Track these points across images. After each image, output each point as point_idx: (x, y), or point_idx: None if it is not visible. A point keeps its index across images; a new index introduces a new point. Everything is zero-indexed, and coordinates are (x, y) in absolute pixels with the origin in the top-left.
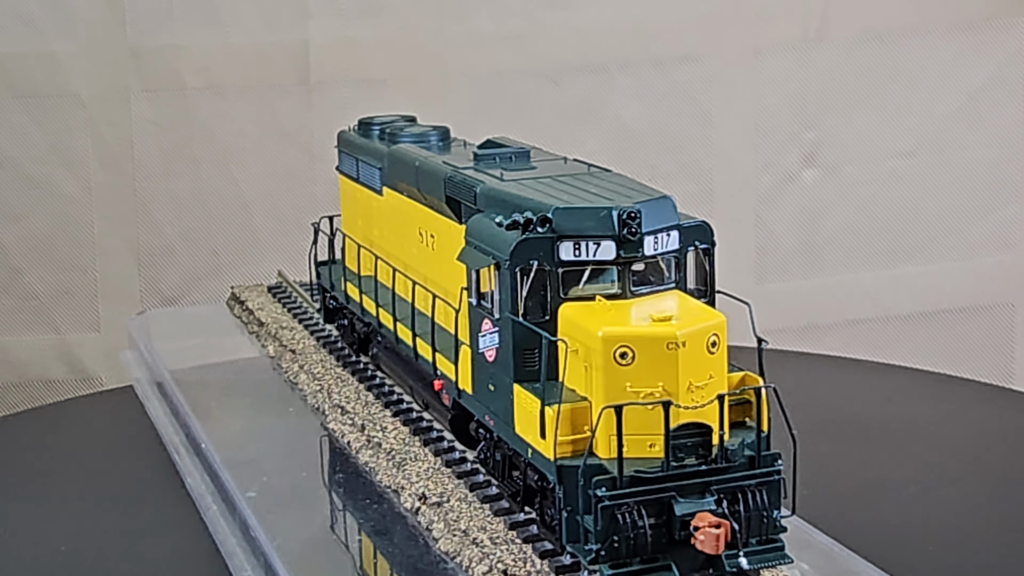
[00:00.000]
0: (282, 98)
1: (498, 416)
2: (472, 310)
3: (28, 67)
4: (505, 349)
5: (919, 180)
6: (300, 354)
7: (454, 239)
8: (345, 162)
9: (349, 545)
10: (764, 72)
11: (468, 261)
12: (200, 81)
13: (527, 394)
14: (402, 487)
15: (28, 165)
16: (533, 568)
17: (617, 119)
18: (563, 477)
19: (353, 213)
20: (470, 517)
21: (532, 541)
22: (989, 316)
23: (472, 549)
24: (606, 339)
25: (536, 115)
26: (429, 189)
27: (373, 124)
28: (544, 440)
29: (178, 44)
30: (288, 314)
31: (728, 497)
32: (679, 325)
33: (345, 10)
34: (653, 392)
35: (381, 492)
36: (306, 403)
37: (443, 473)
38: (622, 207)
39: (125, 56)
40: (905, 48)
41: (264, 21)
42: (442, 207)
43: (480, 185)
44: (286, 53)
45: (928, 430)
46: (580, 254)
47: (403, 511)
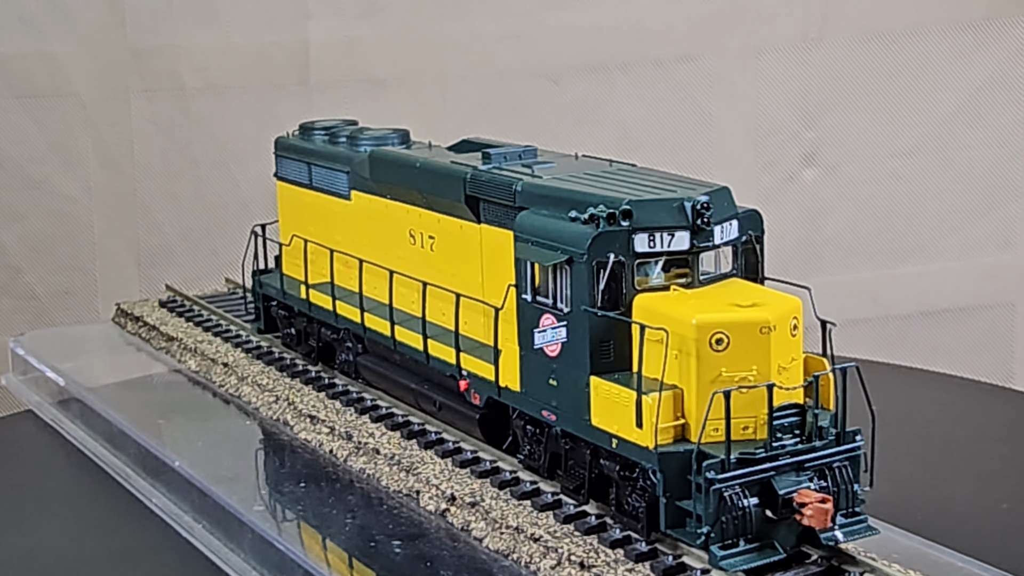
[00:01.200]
0: (282, 98)
1: (563, 409)
2: (525, 307)
3: (28, 67)
4: (578, 342)
5: (919, 180)
6: (235, 366)
7: (467, 239)
8: (289, 168)
9: (388, 550)
10: (764, 72)
11: (530, 257)
12: (200, 81)
13: (613, 385)
14: (418, 491)
15: (28, 165)
16: (607, 557)
17: (617, 119)
18: (664, 464)
19: (303, 219)
20: (516, 514)
21: (594, 532)
22: (989, 316)
23: (530, 545)
24: (702, 326)
25: (536, 115)
26: (437, 190)
27: (318, 128)
28: (640, 429)
29: (178, 44)
30: (198, 327)
31: (816, 473)
32: (769, 310)
33: (345, 10)
34: (747, 376)
35: (389, 497)
36: (258, 415)
37: (460, 474)
38: (695, 198)
39: (125, 56)
40: (905, 47)
41: (264, 21)
42: (455, 207)
43: (519, 183)
44: (286, 53)
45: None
46: (655, 245)
47: (424, 514)
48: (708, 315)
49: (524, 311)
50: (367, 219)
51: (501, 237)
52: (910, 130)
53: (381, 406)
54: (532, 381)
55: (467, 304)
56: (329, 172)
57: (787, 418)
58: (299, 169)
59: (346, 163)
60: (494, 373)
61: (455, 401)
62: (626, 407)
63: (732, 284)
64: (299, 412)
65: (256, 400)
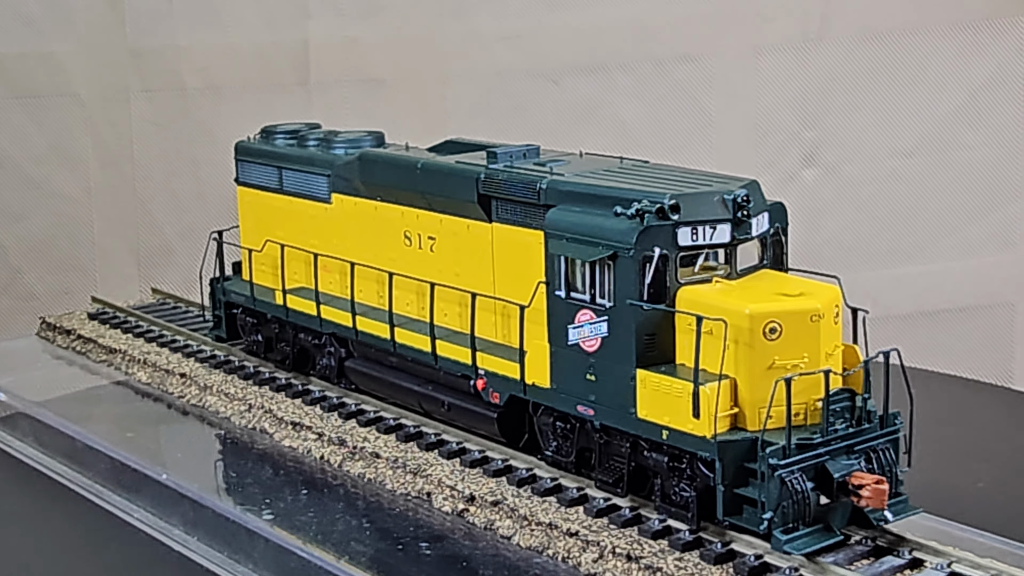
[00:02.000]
0: (282, 98)
1: (603, 404)
2: (559, 303)
3: (28, 67)
4: (622, 337)
5: (919, 180)
6: (194, 376)
7: (476, 238)
8: (254, 172)
9: (416, 552)
10: (764, 72)
11: (570, 253)
12: (200, 81)
13: (663, 377)
14: (429, 492)
15: (28, 165)
16: (653, 548)
17: (617, 119)
18: (723, 452)
19: (272, 224)
20: (544, 511)
21: (631, 525)
22: (989, 316)
23: (566, 540)
24: (756, 316)
25: (536, 115)
26: (442, 190)
27: (282, 132)
28: (697, 419)
29: (178, 44)
30: (140, 338)
31: (863, 456)
32: (816, 299)
33: (345, 10)
34: (798, 364)
35: (397, 500)
36: (229, 424)
37: (472, 474)
38: (736, 192)
39: (125, 56)
40: (905, 47)
41: (264, 21)
42: (463, 207)
43: (543, 180)
44: (286, 53)
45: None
46: (697, 238)
47: (438, 515)
48: (760, 305)
49: (557, 308)
50: (352, 222)
51: (519, 235)
52: (910, 130)
53: (367, 410)
54: (565, 377)
55: (479, 303)
56: (305, 176)
57: (840, 403)
58: (267, 173)
59: (326, 166)
60: (519, 371)
61: (467, 401)
62: (679, 398)
63: (766, 275)
64: (278, 419)
65: (225, 409)
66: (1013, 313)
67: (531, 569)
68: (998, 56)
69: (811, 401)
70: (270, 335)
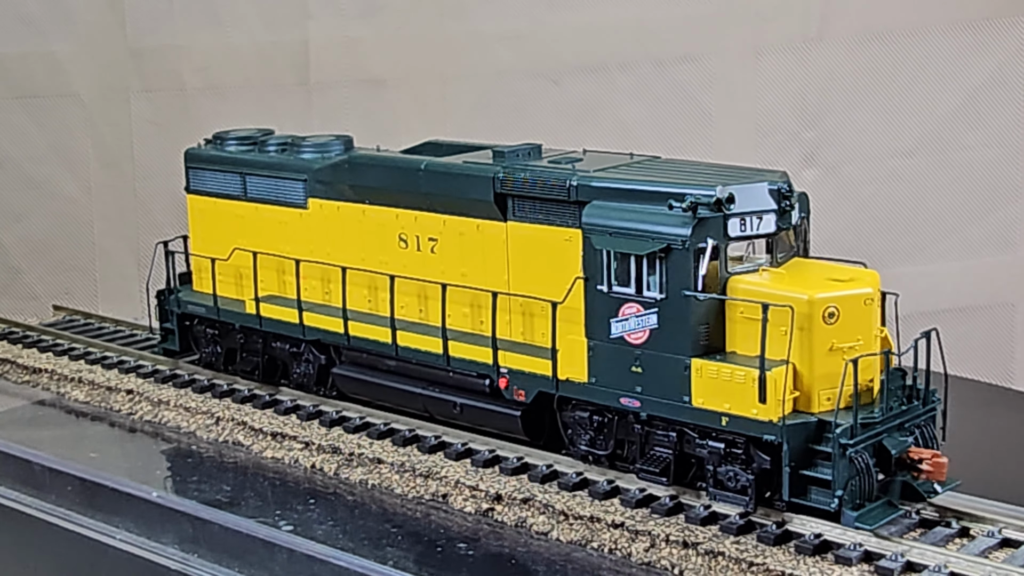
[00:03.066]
0: (282, 98)
1: (652, 394)
2: (600, 298)
3: (29, 67)
4: (676, 327)
5: (919, 180)
6: (142, 392)
7: (488, 237)
8: (211, 180)
9: (456, 553)
10: (764, 72)
11: (619, 247)
12: (200, 81)
13: (723, 365)
14: (444, 494)
15: (28, 165)
16: (706, 534)
17: (617, 119)
18: (790, 435)
19: (233, 232)
20: (581, 504)
21: (674, 513)
22: (989, 316)
23: (611, 532)
24: (816, 302)
25: (536, 115)
26: (450, 191)
27: (235, 138)
28: (764, 404)
29: (178, 44)
30: (63, 356)
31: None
32: (867, 283)
33: (345, 10)
34: (854, 346)
35: (409, 504)
36: (193, 439)
37: (488, 473)
38: (779, 183)
39: (125, 56)
40: (905, 47)
41: (264, 21)
42: (473, 207)
43: (573, 177)
44: (286, 53)
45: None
46: (746, 229)
47: (459, 516)
48: (819, 291)
49: (598, 302)
50: (334, 226)
51: (543, 232)
52: (910, 130)
53: (350, 417)
54: (606, 371)
55: (518, 303)
56: (275, 181)
57: (893, 383)
58: (228, 180)
59: (301, 171)
60: (551, 367)
61: (483, 401)
62: (741, 385)
63: (801, 263)
64: (255, 431)
65: (188, 424)
66: (1013, 313)
67: (579, 562)
68: (998, 56)
69: (865, 381)
70: (233, 346)
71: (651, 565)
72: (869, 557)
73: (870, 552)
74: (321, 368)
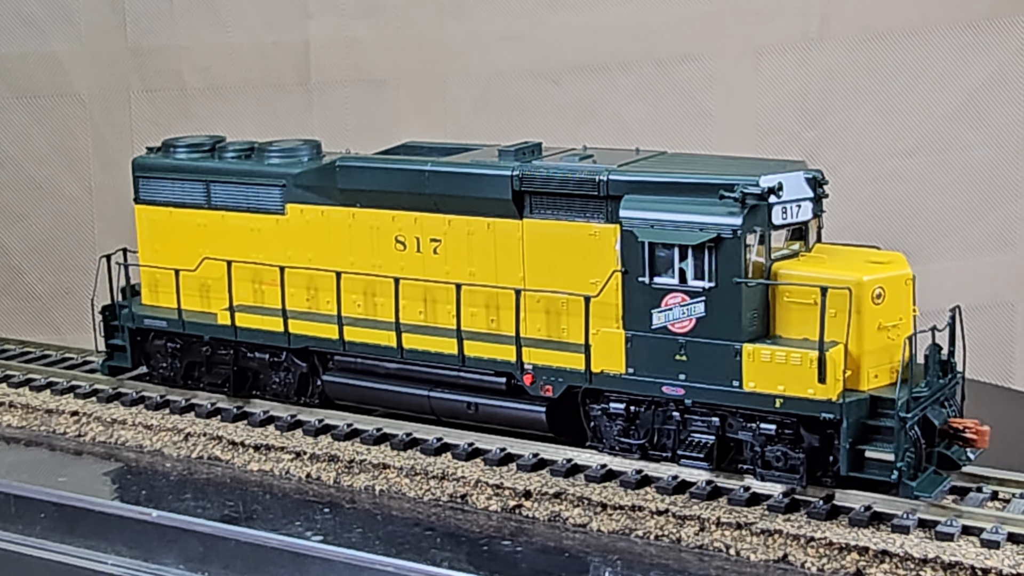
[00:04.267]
0: (282, 98)
1: (698, 381)
2: (640, 290)
3: (29, 67)
4: (726, 314)
5: (919, 179)
6: (90, 413)
7: (501, 236)
8: (167, 189)
9: (504, 549)
10: (764, 71)
11: (668, 239)
12: (200, 81)
13: (777, 348)
14: (463, 494)
15: (29, 165)
16: (755, 513)
17: (617, 119)
18: (848, 412)
19: (194, 243)
20: (617, 495)
21: (714, 497)
22: (989, 316)
23: (656, 519)
24: (865, 284)
25: (536, 115)
26: (464, 191)
27: (187, 145)
28: (823, 384)
29: (178, 44)
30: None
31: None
32: (902, 264)
33: (345, 10)
34: (897, 324)
35: (424, 506)
36: (159, 456)
37: (506, 471)
38: (813, 172)
39: (126, 56)
40: (905, 47)
41: (264, 21)
42: (488, 205)
43: (602, 174)
44: (286, 53)
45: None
46: (787, 217)
47: (483, 515)
48: (866, 273)
49: (638, 294)
50: (317, 231)
51: (566, 229)
52: (910, 130)
53: (335, 424)
54: (647, 361)
55: (544, 299)
56: (247, 188)
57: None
58: (188, 189)
59: (277, 177)
60: (584, 361)
61: (501, 399)
62: (797, 367)
63: (827, 248)
64: (233, 444)
65: (151, 442)
66: (1013, 313)
67: (626, 551)
68: (998, 56)
69: (903, 357)
70: (195, 360)
71: (704, 548)
72: (923, 524)
73: (923, 519)
74: (302, 377)
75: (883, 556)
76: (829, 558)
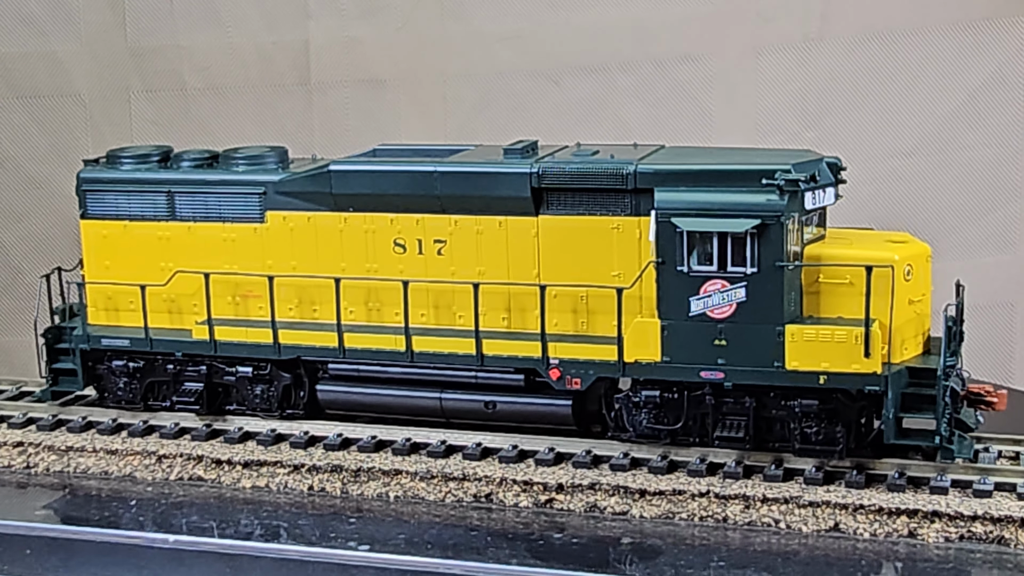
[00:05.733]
0: (282, 98)
1: (738, 364)
2: (677, 279)
3: (30, 67)
4: (768, 298)
5: (919, 179)
6: (38, 443)
7: (514, 233)
8: (118, 202)
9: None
10: (764, 72)
11: (711, 228)
12: (200, 81)
13: (820, 328)
14: (488, 493)
15: (29, 165)
16: (797, 489)
17: (617, 119)
18: (892, 384)
19: (155, 257)
20: (651, 481)
21: (753, 475)
22: (989, 316)
23: (698, 501)
24: (899, 262)
25: (536, 115)
26: (477, 191)
27: (134, 156)
28: (868, 358)
29: (178, 44)
30: None
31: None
32: (917, 241)
33: (345, 10)
34: (921, 299)
35: (448, 508)
36: (131, 481)
37: (524, 467)
38: (833, 158)
39: (126, 56)
40: (905, 47)
41: (264, 21)
42: (502, 204)
43: (628, 167)
44: (286, 53)
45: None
46: (816, 202)
47: (512, 511)
48: (896, 252)
49: (675, 283)
50: (302, 238)
51: (581, 223)
52: (910, 130)
53: (322, 436)
54: (684, 348)
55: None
56: (219, 197)
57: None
58: (147, 201)
59: (254, 185)
60: (616, 352)
61: (524, 396)
62: (841, 344)
63: (838, 232)
64: (217, 463)
65: (118, 468)
66: (1013, 313)
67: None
68: (998, 56)
69: (924, 330)
70: (159, 379)
71: (752, 524)
72: (955, 484)
73: (956, 480)
74: (286, 389)
75: (933, 517)
76: (880, 523)
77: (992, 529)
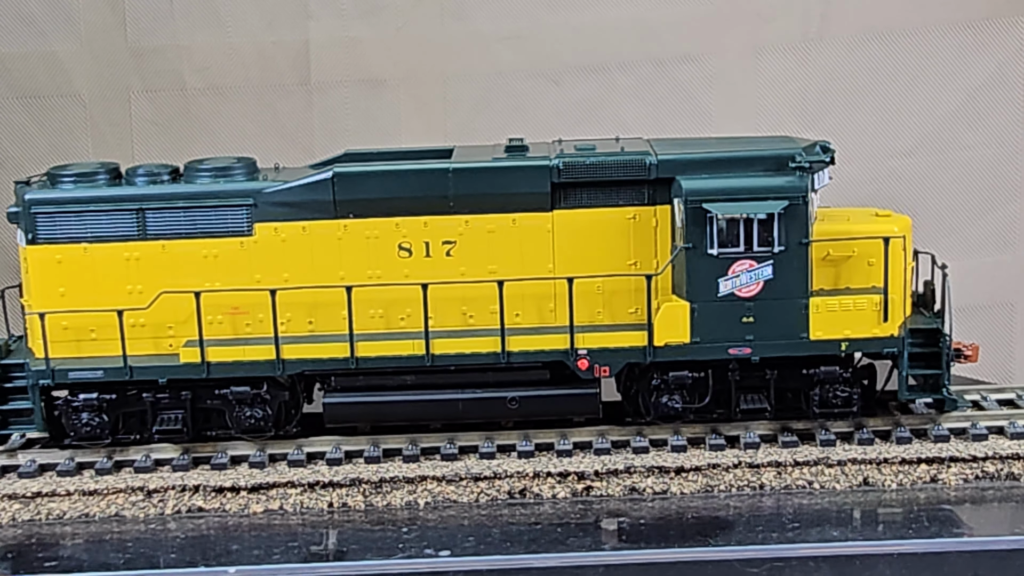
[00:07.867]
0: (282, 98)
1: (764, 339)
2: (705, 262)
3: (29, 67)
4: (793, 274)
5: (919, 179)
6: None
7: (528, 229)
8: (74, 225)
9: (621, 528)
10: (764, 71)
11: (744, 211)
12: (200, 81)
13: (842, 298)
14: (522, 489)
15: (29, 165)
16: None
17: (617, 119)
18: (905, 345)
19: (121, 280)
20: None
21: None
22: (989, 316)
23: (732, 473)
24: (900, 235)
25: (536, 115)
26: (493, 189)
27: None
28: (886, 322)
29: (178, 44)
30: None
31: None
32: (895, 214)
33: (345, 10)
34: (911, 267)
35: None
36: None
37: (546, 459)
38: (823, 141)
39: (126, 56)
40: (905, 47)
41: (264, 21)
42: (518, 201)
43: (648, 158)
44: (286, 53)
45: None
46: (821, 182)
47: (550, 503)
48: (894, 224)
49: (703, 266)
50: (296, 249)
51: (597, 216)
52: (910, 130)
53: (320, 452)
54: (713, 327)
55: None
56: (201, 212)
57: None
58: (112, 220)
59: (242, 196)
60: (646, 337)
61: (546, 388)
62: (862, 311)
63: (820, 210)
64: (219, 491)
65: (101, 509)
66: (1013, 313)
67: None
68: (998, 56)
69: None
70: (134, 410)
71: (788, 488)
72: (952, 431)
73: (952, 428)
74: (283, 406)
75: (950, 462)
76: (904, 473)
77: (1002, 467)
